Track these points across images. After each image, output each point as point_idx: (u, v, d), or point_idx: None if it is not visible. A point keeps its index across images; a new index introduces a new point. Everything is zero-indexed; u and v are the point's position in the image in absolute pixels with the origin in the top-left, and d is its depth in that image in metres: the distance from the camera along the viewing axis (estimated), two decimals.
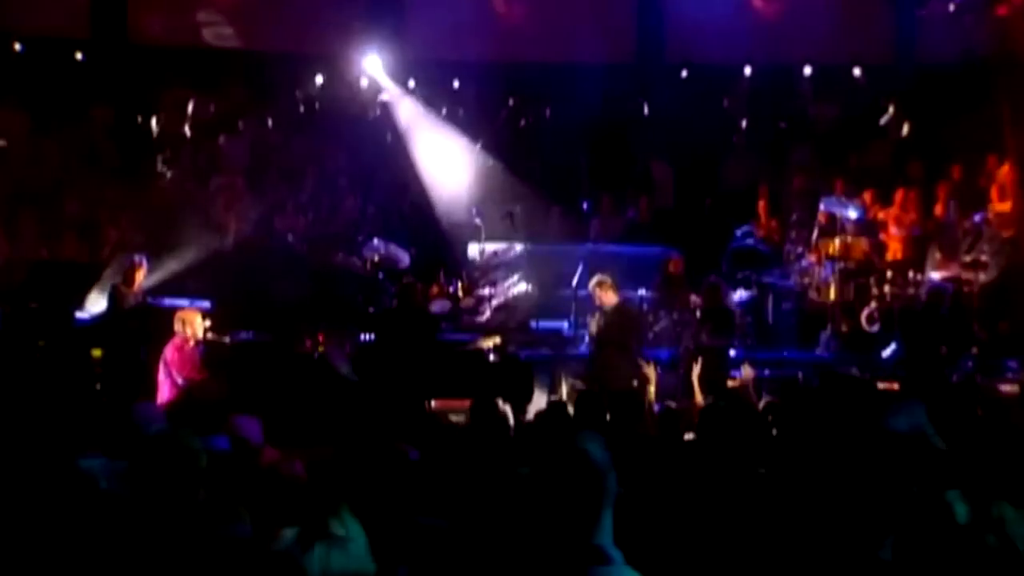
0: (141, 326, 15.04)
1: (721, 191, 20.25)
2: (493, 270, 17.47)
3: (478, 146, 20.47)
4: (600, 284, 14.10)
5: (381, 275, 17.40)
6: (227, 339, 14.62)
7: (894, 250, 17.45)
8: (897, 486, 2.80)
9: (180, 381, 13.38)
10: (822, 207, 17.06)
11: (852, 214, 16.95)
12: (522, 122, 21.43)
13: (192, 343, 13.52)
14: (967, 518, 3.47)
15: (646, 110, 21.55)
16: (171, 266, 17.09)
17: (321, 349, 16.26)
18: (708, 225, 19.22)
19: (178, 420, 7.65)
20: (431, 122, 20.63)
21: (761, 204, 18.94)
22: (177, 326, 13.67)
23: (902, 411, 4.22)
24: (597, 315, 14.03)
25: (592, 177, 20.57)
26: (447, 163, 19.65)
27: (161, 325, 14.18)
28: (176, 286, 16.60)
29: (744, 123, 21.29)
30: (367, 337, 15.75)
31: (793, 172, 19.79)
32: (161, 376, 13.66)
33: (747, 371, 11.75)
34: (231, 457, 6.50)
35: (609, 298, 13.99)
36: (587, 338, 14.47)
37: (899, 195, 17.97)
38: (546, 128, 21.19)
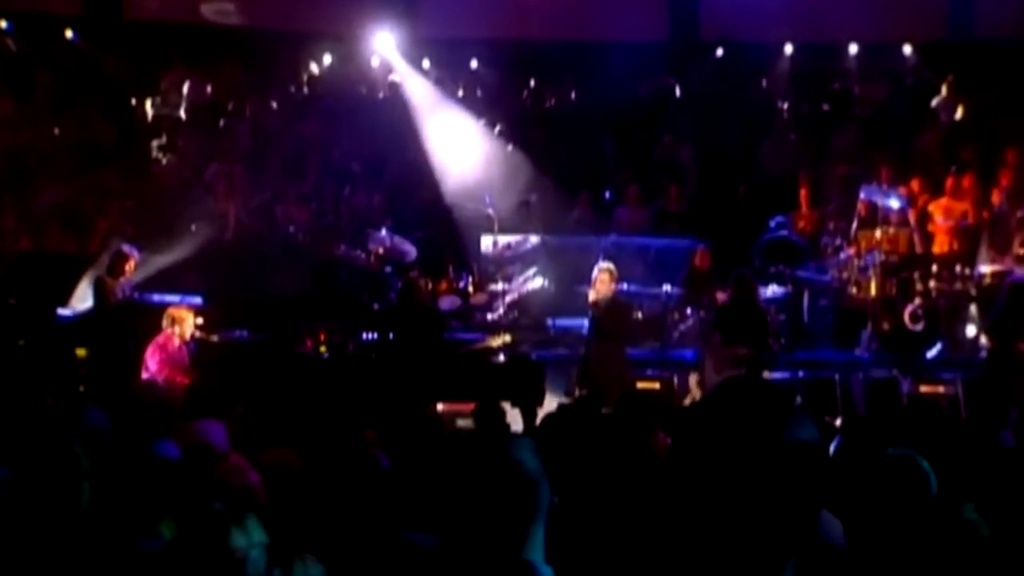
0: (128, 323, 15.04)
1: (757, 179, 20.03)
2: (507, 264, 17.36)
3: (495, 131, 20.38)
4: (608, 272, 14.01)
5: (389, 269, 17.33)
6: (215, 338, 14.55)
7: (941, 242, 17.19)
8: (799, 504, 2.72)
9: (161, 382, 13.37)
10: (862, 196, 16.85)
11: (894, 203, 16.73)
12: (545, 105, 21.34)
13: (178, 342, 13.54)
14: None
15: (678, 92, 21.45)
16: (163, 259, 17.08)
17: (323, 349, 16.28)
18: (742, 216, 19.02)
19: (133, 424, 7.59)
20: (445, 105, 20.53)
21: (802, 193, 18.68)
22: (165, 323, 13.70)
23: (803, 422, 4.13)
24: (594, 305, 13.91)
25: (618, 164, 20.44)
26: (461, 149, 19.50)
27: (149, 322, 14.20)
28: (167, 281, 16.58)
29: (784, 106, 21.15)
30: (370, 336, 15.71)
31: (836, 158, 19.58)
32: (144, 376, 13.68)
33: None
34: (179, 465, 6.43)
35: (609, 289, 13.90)
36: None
37: (950, 182, 17.74)
38: (570, 111, 21.10)
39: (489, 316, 16.75)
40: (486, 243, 17.72)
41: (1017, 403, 12.34)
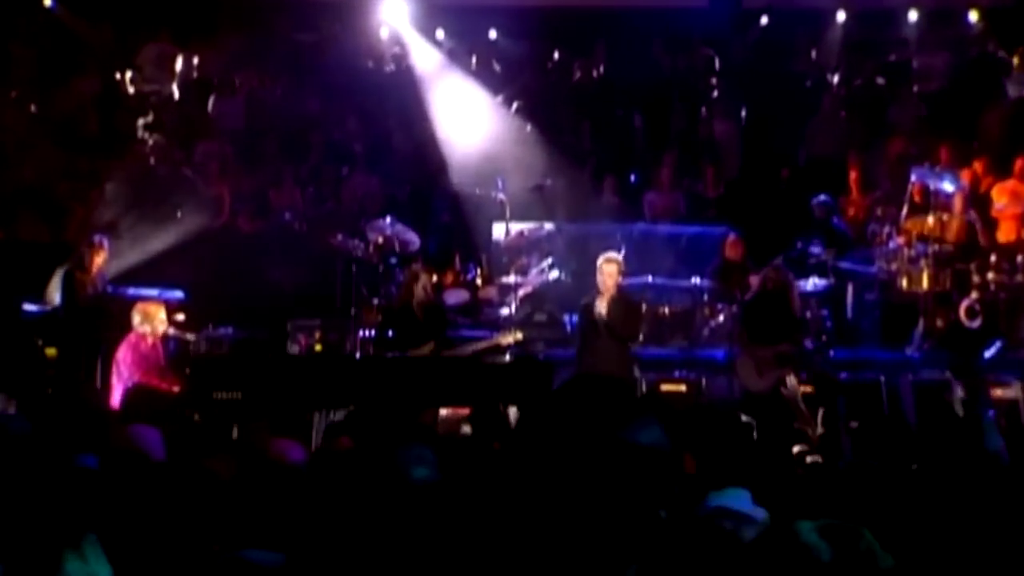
0: (100, 320, 15.01)
1: (803, 161, 19.85)
2: (521, 255, 17.16)
3: (513, 108, 20.23)
4: (617, 264, 13.82)
5: (394, 260, 17.23)
6: (191, 336, 14.49)
7: (1006, 229, 16.97)
8: (640, 508, 2.62)
9: (132, 385, 13.33)
10: (913, 178, 16.64)
11: (947, 186, 16.51)
12: (571, 79, 21.16)
13: (150, 341, 13.49)
14: (830, 555, 3.25)
15: (718, 64, 21.23)
16: (145, 249, 17.06)
17: (318, 348, 16.21)
18: (784, 201, 18.85)
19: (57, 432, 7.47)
20: (460, 79, 20.39)
21: (852, 176, 18.50)
22: (136, 320, 13.66)
23: (645, 423, 3.99)
24: (598, 300, 13.74)
25: (648, 144, 20.24)
26: (473, 128, 19.37)
27: (124, 319, 14.16)
28: (149, 273, 16.55)
29: (835, 79, 20.85)
30: (367, 333, 15.64)
31: (890, 137, 19.34)
32: (114, 378, 13.65)
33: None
34: (96, 475, 6.30)
35: (616, 283, 13.74)
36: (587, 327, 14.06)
37: (1019, 164, 17.53)
38: (597, 87, 20.90)
39: (500, 312, 16.58)
40: (497, 232, 17.58)
41: None
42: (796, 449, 11.76)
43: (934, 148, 18.28)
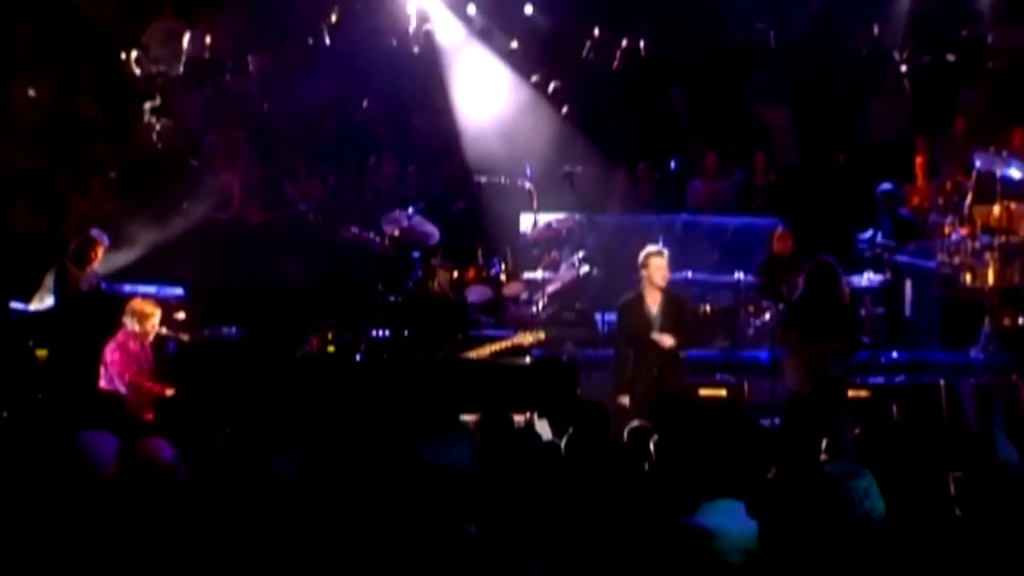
0: (94, 318, 15.02)
1: (864, 145, 19.68)
2: (549, 248, 17.13)
3: (550, 90, 20.15)
4: (665, 256, 13.77)
5: (417, 254, 17.21)
6: (186, 337, 14.52)
7: None
8: (438, 526, 2.59)
9: (122, 388, 13.35)
10: (977, 164, 16.50)
11: (1015, 173, 16.32)
12: (611, 59, 21.04)
13: (139, 342, 13.53)
14: None
15: (772, 40, 21.09)
16: (148, 243, 17.07)
17: (331, 349, 16.19)
18: (842, 189, 18.74)
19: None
20: (490, 59, 20.33)
21: (919, 161, 18.31)
22: (127, 320, 13.69)
23: (444, 440, 3.93)
24: (647, 299, 13.67)
25: (693, 128, 20.14)
26: (505, 111, 19.31)
27: (119, 318, 14.17)
28: (151, 268, 16.58)
29: (901, 56, 20.64)
30: (380, 333, 15.62)
31: (960, 119, 19.13)
32: (103, 381, 13.67)
33: None
34: None
35: (666, 278, 13.65)
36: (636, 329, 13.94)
37: None
38: (639, 66, 20.79)
39: (526, 310, 16.54)
40: (525, 223, 17.52)
41: None
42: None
43: (1008, 131, 18.04)
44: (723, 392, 14.92)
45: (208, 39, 20.64)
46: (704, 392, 14.85)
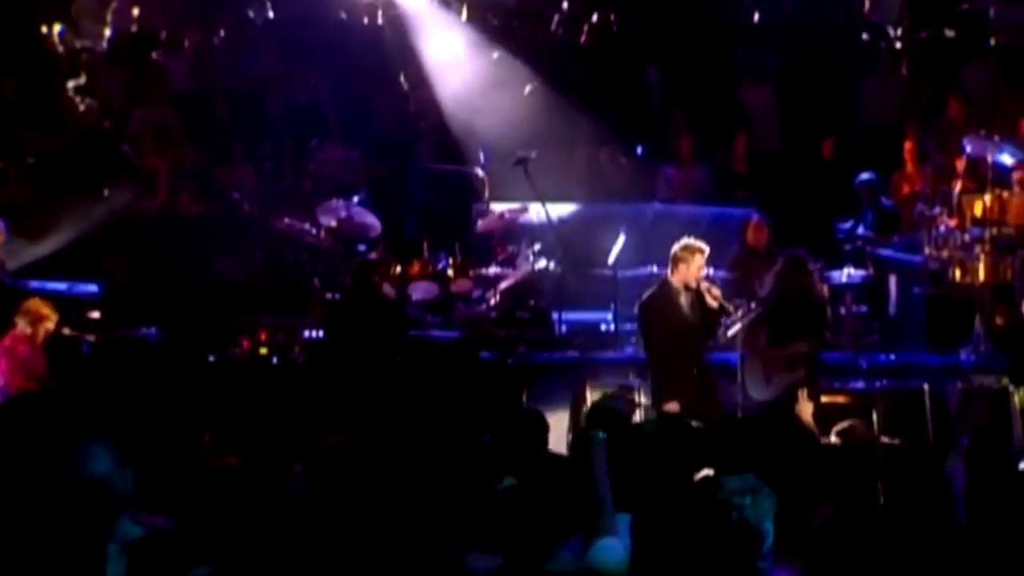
0: None
1: (856, 129, 19.58)
2: (504, 241, 17.05)
3: (515, 66, 20.07)
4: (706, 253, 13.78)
5: (363, 247, 17.19)
6: (91, 338, 14.47)
7: None
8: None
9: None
10: (967, 150, 16.50)
11: (1007, 159, 16.33)
12: (580, 35, 20.97)
13: (28, 346, 13.46)
14: None
15: (756, 15, 21.04)
16: (64, 234, 16.97)
17: (264, 351, 16.15)
18: (830, 177, 18.62)
19: None
20: (451, 34, 20.22)
21: (907, 147, 18.21)
22: (18, 321, 13.61)
23: (92, 454, 3.88)
24: (678, 294, 13.65)
25: (667, 109, 20.06)
26: (463, 91, 19.21)
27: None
28: (66, 261, 16.49)
29: (896, 33, 20.61)
30: (313, 334, 15.61)
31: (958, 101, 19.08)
32: None
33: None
34: None
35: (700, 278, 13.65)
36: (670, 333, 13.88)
37: None
38: (610, 41, 20.72)
39: (477, 308, 16.51)
40: (478, 215, 17.46)
41: None
42: None
43: (1012, 117, 18.01)
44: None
45: (136, 11, 20.51)
46: None
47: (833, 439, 10.05)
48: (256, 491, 6.50)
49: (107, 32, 20.50)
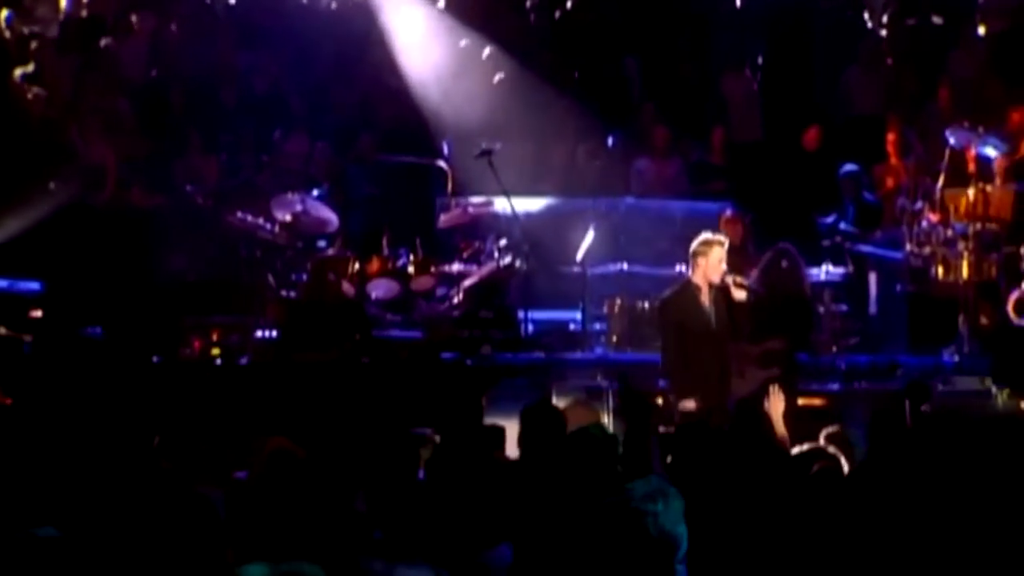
0: None
1: (838, 119, 19.64)
2: (466, 236, 17.07)
3: (484, 55, 20.01)
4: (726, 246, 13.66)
5: (323, 243, 17.19)
6: (27, 338, 14.40)
7: None
8: None
9: None
10: (951, 142, 16.47)
11: (990, 151, 16.40)
12: (553, 18, 20.93)
13: None
14: None
15: (738, 1, 21.02)
16: (6, 229, 16.89)
17: (215, 352, 16.10)
18: (811, 170, 18.62)
19: None
20: (419, 20, 20.15)
21: (890, 138, 18.26)
22: None
23: None
24: (700, 292, 13.54)
25: (641, 98, 20.04)
26: (431, 80, 19.17)
27: None
28: (7, 259, 16.42)
29: (882, 20, 20.55)
30: (266, 334, 15.54)
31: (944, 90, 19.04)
32: None
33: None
34: None
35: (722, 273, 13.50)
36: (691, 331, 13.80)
37: None
38: (583, 26, 20.68)
39: (439, 307, 16.53)
40: (441, 209, 17.43)
41: None
42: None
43: (1001, 107, 17.98)
44: (660, 400, 14.75)
45: None
46: None
47: (821, 442, 10.12)
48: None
49: (58, 17, 20.29)
